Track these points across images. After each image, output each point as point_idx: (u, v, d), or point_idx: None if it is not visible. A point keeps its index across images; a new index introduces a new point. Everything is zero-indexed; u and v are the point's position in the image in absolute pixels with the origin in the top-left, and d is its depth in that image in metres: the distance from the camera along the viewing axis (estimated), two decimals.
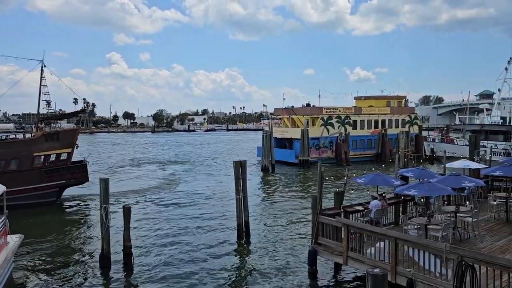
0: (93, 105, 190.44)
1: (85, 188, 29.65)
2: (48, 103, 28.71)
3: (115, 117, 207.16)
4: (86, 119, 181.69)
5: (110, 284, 13.92)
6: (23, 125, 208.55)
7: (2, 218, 13.40)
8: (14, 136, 30.79)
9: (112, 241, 15.54)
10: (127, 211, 15.18)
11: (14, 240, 14.20)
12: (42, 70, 27.96)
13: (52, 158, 26.98)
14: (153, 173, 42.47)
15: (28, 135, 28.91)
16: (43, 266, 15.40)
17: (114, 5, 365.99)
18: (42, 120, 30.61)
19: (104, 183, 14.93)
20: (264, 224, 21.38)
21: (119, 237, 15.89)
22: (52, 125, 30.55)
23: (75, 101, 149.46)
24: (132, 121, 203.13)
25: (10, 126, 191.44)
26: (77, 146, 28.96)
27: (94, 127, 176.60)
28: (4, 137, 29.82)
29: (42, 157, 26.41)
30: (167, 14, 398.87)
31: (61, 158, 27.50)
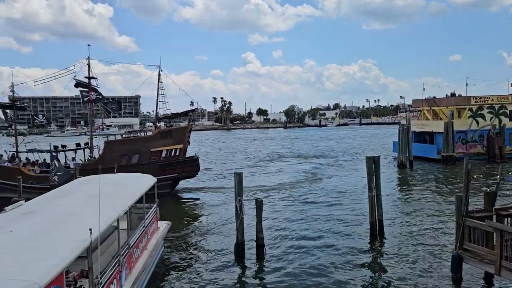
0: (230, 103, 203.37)
1: (219, 181, 31.65)
2: (164, 103, 31.64)
3: (250, 114, 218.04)
4: (223, 116, 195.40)
5: (244, 272, 14.62)
6: (171, 123, 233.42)
7: (154, 206, 15.15)
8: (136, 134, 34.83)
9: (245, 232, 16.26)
10: (259, 204, 15.71)
11: (163, 226, 15.94)
12: (159, 75, 31.39)
13: (166, 153, 29.83)
14: (287, 168, 43.19)
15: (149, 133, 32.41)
16: (186, 250, 16.93)
17: (249, 7, 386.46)
18: (159, 119, 34.39)
19: (238, 177, 15.68)
20: (400, 224, 19.98)
21: (250, 229, 16.58)
22: (173, 123, 34.20)
23: (214, 100, 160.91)
24: (265, 117, 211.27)
25: (161, 124, 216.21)
26: (189, 143, 31.56)
27: (231, 124, 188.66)
28: (127, 135, 33.72)
29: (158, 152, 29.31)
30: (299, 10, 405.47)
31: (174, 153, 30.16)
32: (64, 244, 7.38)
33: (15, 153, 31.84)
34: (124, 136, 32.88)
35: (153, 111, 35.45)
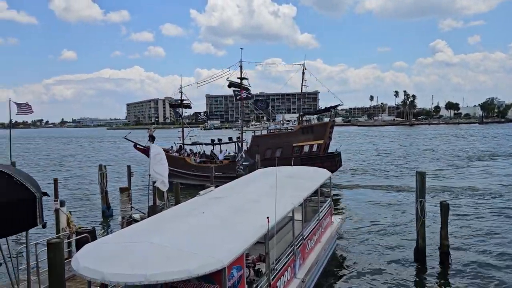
0: (413, 96, 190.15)
1: (397, 179, 29.71)
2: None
3: (437, 108, 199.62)
4: (406, 111, 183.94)
5: (424, 279, 13.40)
6: (349, 118, 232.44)
7: (329, 200, 15.23)
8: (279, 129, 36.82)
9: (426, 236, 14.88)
10: (445, 208, 14.14)
11: (337, 220, 15.88)
12: (303, 73, 33.57)
13: (307, 148, 30.89)
14: (485, 171, 37.62)
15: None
16: (359, 248, 16.47)
17: None
18: (303, 115, 35.70)
19: (420, 176, 14.42)
20: None
21: (432, 233, 15.07)
22: (329, 119, 34.16)
23: (396, 93, 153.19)
24: (455, 111, 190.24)
25: (338, 120, 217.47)
26: (330, 138, 32.46)
27: (414, 119, 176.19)
28: (272, 130, 35.88)
29: (300, 147, 30.37)
30: None
31: (315, 149, 31.08)
32: (245, 228, 7.99)
33: (182, 145, 37.22)
34: (269, 131, 35.51)
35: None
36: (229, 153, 34.49)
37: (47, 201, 9.69)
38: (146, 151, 36.72)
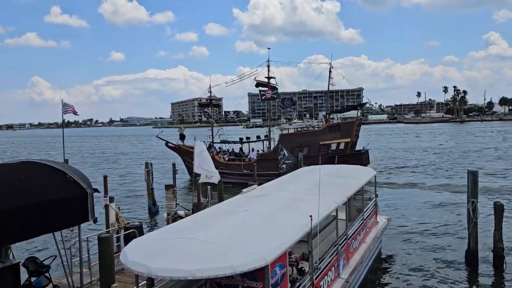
0: (464, 92, 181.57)
1: (448, 178, 28.51)
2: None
3: (490, 104, 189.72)
4: (456, 107, 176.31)
5: (476, 283, 12.78)
6: (395, 115, 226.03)
7: (374, 199, 14.86)
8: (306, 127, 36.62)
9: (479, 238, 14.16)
10: (499, 209, 13.39)
11: (383, 221, 15.46)
12: (330, 71, 34.45)
13: (334, 146, 31.27)
14: None
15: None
16: (406, 249, 15.93)
17: None
18: (329, 113, 36.49)
19: (472, 176, 13.73)
20: None
21: (485, 236, 14.43)
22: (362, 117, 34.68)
23: (445, 89, 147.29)
24: (510, 107, 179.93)
25: (384, 117, 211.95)
26: (358, 136, 32.74)
27: (465, 115, 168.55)
28: (299, 129, 35.98)
29: (327, 145, 30.84)
30: None
31: (342, 147, 31.44)
32: (289, 226, 7.95)
33: (211, 143, 37.96)
34: (297, 129, 35.85)
35: (375, 103, 36.52)
36: (258, 151, 35.17)
37: (98, 197, 10.10)
38: (176, 149, 38.26)
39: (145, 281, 8.52)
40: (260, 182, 14.59)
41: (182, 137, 38.36)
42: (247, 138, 37.74)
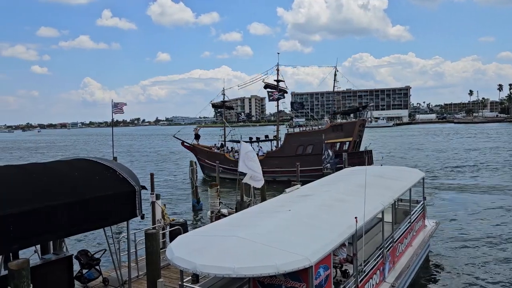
0: None
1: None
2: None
3: None
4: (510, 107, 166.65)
5: None
6: (444, 115, 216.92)
7: (421, 202, 14.32)
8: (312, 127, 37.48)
9: None
10: None
11: (431, 224, 14.86)
12: (335, 74, 36.19)
13: (337, 145, 32.59)
14: None
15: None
16: (456, 255, 15.24)
17: None
18: (333, 114, 38.32)
19: None
20: None
21: None
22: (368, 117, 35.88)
23: (500, 87, 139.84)
24: None
25: (432, 116, 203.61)
26: (361, 136, 34.09)
27: None
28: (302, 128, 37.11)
29: (330, 144, 31.37)
30: None
31: (345, 147, 32.76)
32: (333, 228, 7.82)
33: (223, 142, 40.42)
34: (302, 129, 37.19)
35: (424, 102, 36.64)
36: (259, 150, 36.40)
37: (145, 194, 10.42)
38: (191, 148, 39.82)
39: (190, 277, 8.68)
40: (266, 178, 15.57)
41: (197, 136, 40.36)
42: (257, 138, 39.47)
